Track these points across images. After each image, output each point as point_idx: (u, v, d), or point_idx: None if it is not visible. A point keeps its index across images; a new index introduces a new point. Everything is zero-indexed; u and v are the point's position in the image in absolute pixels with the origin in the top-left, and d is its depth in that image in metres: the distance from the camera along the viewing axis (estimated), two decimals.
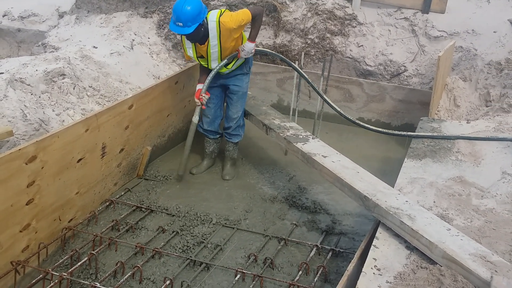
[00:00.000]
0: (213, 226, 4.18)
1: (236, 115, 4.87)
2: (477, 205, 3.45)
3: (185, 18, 4.14)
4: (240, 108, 4.87)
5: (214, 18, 4.33)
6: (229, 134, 4.95)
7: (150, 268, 3.68)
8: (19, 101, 4.26)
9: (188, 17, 4.14)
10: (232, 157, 5.05)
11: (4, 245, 3.37)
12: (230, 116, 4.88)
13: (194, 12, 4.15)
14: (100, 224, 4.17)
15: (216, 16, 4.35)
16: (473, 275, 2.67)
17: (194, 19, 4.17)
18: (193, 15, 4.15)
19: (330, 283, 3.57)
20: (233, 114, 4.86)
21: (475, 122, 4.79)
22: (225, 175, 4.96)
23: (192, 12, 4.14)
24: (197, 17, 4.19)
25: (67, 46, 5.84)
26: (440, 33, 6.11)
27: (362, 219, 4.30)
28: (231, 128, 4.90)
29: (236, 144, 5.03)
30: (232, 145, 5.01)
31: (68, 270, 3.52)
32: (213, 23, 4.33)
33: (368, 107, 6.11)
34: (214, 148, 5.08)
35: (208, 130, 4.97)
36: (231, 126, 4.89)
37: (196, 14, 4.17)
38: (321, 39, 6.28)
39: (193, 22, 4.17)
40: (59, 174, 3.74)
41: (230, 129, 4.92)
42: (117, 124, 4.31)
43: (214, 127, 4.98)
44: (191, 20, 4.16)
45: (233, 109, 4.85)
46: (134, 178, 4.86)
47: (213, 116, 4.92)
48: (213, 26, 4.34)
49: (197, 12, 4.17)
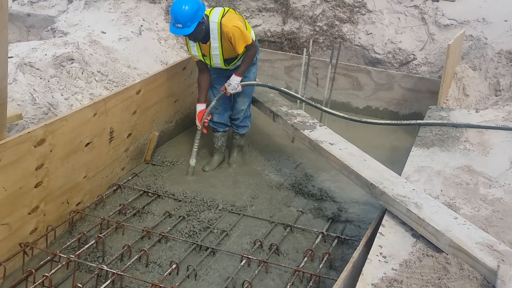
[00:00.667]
0: (220, 212, 4.20)
1: (243, 106, 4.80)
2: (485, 194, 3.43)
3: (184, 18, 4.06)
4: (247, 99, 4.80)
5: (215, 19, 4.25)
6: (237, 126, 4.92)
7: (157, 252, 3.71)
8: (28, 85, 4.29)
9: (186, 17, 4.06)
10: (239, 145, 5.03)
11: (12, 227, 3.40)
12: (237, 108, 4.81)
13: (191, 11, 4.06)
14: (108, 208, 4.20)
15: (218, 16, 4.26)
16: (479, 264, 2.67)
17: (193, 18, 4.08)
18: (191, 14, 4.06)
19: (335, 270, 3.58)
20: (240, 106, 4.79)
21: (484, 112, 4.75)
22: (232, 163, 4.94)
23: (189, 11, 4.05)
24: (195, 15, 4.09)
25: (76, 31, 5.84)
26: (450, 21, 6.05)
27: (368, 207, 4.30)
28: (239, 119, 4.86)
29: (243, 134, 5.02)
30: (240, 134, 4.99)
31: (76, 252, 3.56)
32: (214, 24, 4.24)
33: (376, 96, 6.08)
34: (222, 142, 4.98)
35: (217, 122, 4.87)
36: (238, 118, 4.85)
37: (194, 13, 4.08)
38: (330, 27, 6.25)
39: (192, 21, 4.09)
40: (67, 157, 3.76)
41: (237, 121, 4.87)
42: (125, 109, 4.32)
43: (224, 120, 4.89)
44: (189, 19, 4.07)
45: (240, 100, 4.77)
46: (142, 163, 4.88)
47: (221, 109, 4.82)
48: (214, 27, 4.25)
49: (194, 10, 4.08)
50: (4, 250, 3.38)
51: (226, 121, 4.93)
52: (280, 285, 3.46)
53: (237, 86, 4.49)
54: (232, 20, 4.27)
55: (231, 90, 4.51)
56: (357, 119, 4.70)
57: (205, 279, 3.49)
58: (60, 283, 3.45)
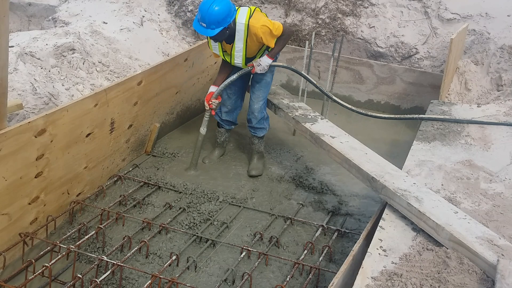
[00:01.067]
0: (220, 204, 4.20)
1: (257, 104, 4.56)
2: (485, 189, 3.43)
3: (210, 20, 3.91)
4: (262, 97, 4.57)
5: (243, 20, 4.08)
6: (253, 128, 4.64)
7: (157, 243, 3.72)
8: (29, 74, 4.28)
9: (212, 20, 3.91)
10: (258, 151, 4.76)
11: (13, 217, 3.40)
12: (251, 106, 4.59)
13: (220, 16, 3.91)
14: (108, 199, 4.20)
15: (245, 17, 4.10)
16: (479, 258, 2.67)
17: (219, 23, 3.94)
18: (218, 19, 3.92)
19: (335, 263, 3.59)
20: (254, 104, 4.56)
21: (486, 106, 4.75)
22: (251, 170, 4.66)
23: (217, 15, 3.90)
24: (223, 21, 3.95)
25: (77, 21, 5.82)
26: (453, 15, 6.02)
27: (368, 201, 4.30)
28: (254, 121, 4.60)
29: (262, 138, 4.75)
30: (258, 138, 4.72)
31: (76, 243, 3.56)
32: (242, 25, 4.09)
33: (378, 89, 6.06)
34: (225, 137, 4.90)
35: (225, 120, 4.78)
36: (252, 118, 4.60)
37: (222, 18, 3.93)
38: (332, 19, 6.22)
39: (218, 26, 3.94)
40: (68, 148, 3.76)
41: (253, 122, 4.61)
42: (126, 100, 4.30)
43: (232, 118, 4.79)
44: (215, 23, 3.93)
45: (255, 98, 4.57)
46: (142, 154, 4.88)
47: (232, 107, 4.71)
48: (241, 29, 4.11)
49: (223, 15, 3.93)
50: (4, 240, 3.38)
51: (235, 119, 4.83)
52: (279, 277, 3.47)
53: (266, 68, 4.36)
54: (260, 19, 4.12)
55: (260, 70, 4.35)
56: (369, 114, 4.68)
57: (205, 271, 3.50)
58: (60, 273, 3.46)
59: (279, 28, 4.21)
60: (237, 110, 4.81)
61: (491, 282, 2.58)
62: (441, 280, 2.58)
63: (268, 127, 4.78)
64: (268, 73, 4.54)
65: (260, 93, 4.58)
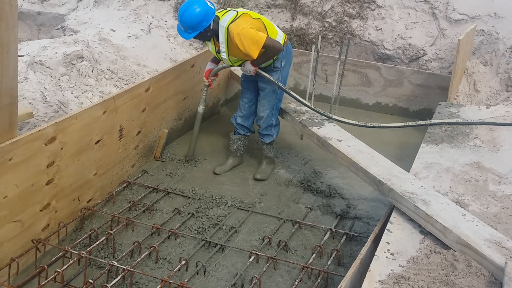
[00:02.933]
0: (228, 209, 4.22)
1: (263, 113, 4.55)
2: (494, 191, 3.42)
3: (185, 25, 4.08)
4: (267, 106, 4.54)
5: (224, 24, 4.11)
6: (260, 134, 4.72)
7: (166, 249, 3.75)
8: (39, 83, 4.34)
9: (187, 25, 4.06)
10: (267, 156, 4.76)
11: (25, 224, 3.45)
12: (258, 113, 4.62)
13: (193, 21, 4.04)
14: (118, 204, 4.24)
15: (227, 21, 4.11)
16: (487, 261, 2.67)
17: (194, 27, 4.07)
18: (193, 24, 4.05)
19: (344, 267, 3.59)
20: (260, 112, 4.58)
21: (495, 108, 4.72)
22: (256, 173, 4.68)
23: (191, 21, 4.04)
24: (198, 25, 4.06)
25: (86, 29, 5.90)
26: (461, 16, 6.00)
27: (377, 204, 4.29)
28: (261, 127, 4.65)
29: (271, 144, 4.74)
30: (266, 144, 4.73)
31: (87, 249, 3.60)
32: (222, 29, 4.13)
33: (386, 92, 6.05)
34: (238, 145, 4.79)
35: (240, 124, 4.73)
36: (259, 125, 4.65)
37: (196, 23, 4.04)
38: (339, 23, 6.23)
39: (193, 30, 4.08)
40: (78, 155, 3.80)
41: (260, 128, 4.68)
42: (134, 107, 4.35)
43: (248, 124, 4.74)
44: (190, 27, 4.07)
45: (260, 106, 4.57)
46: (151, 160, 4.92)
47: (247, 112, 4.69)
48: (222, 31, 4.15)
49: (197, 20, 4.04)
50: (17, 246, 3.43)
51: (250, 125, 4.79)
52: (288, 281, 3.48)
53: (249, 71, 4.36)
54: (240, 25, 4.07)
55: (244, 71, 4.43)
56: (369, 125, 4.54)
57: (214, 275, 3.52)
58: (72, 279, 3.49)
59: (259, 41, 4.09)
60: (252, 116, 4.76)
61: (499, 284, 2.57)
62: (448, 283, 2.58)
63: (276, 134, 4.75)
64: (272, 82, 4.41)
65: (265, 101, 4.55)
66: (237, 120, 4.76)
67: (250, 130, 4.82)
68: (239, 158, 4.89)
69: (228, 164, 4.84)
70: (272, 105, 4.57)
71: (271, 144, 4.75)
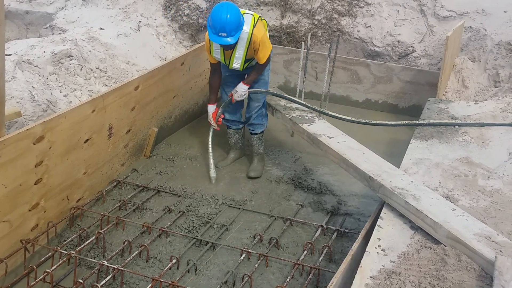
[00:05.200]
0: (219, 207, 4.21)
1: (257, 103, 4.64)
2: (483, 185, 3.43)
3: (230, 27, 4.02)
4: (261, 96, 4.65)
5: (247, 29, 4.18)
6: (251, 125, 4.72)
7: (157, 247, 3.73)
8: (27, 82, 4.30)
9: (232, 27, 4.02)
10: (258, 152, 4.80)
11: (14, 224, 3.42)
12: (251, 106, 4.66)
13: (236, 21, 4.04)
14: (108, 204, 4.21)
15: (250, 26, 4.19)
16: (477, 255, 2.67)
17: (237, 28, 4.07)
18: (236, 24, 4.05)
19: (335, 263, 3.60)
20: (254, 103, 4.64)
21: (483, 103, 4.74)
22: (250, 172, 4.69)
23: (234, 21, 4.03)
24: (240, 25, 4.10)
25: (74, 28, 5.86)
26: (449, 13, 6.03)
27: (367, 200, 4.31)
28: (252, 117, 4.68)
29: (260, 137, 4.78)
30: (256, 139, 4.76)
31: (77, 248, 3.58)
32: (245, 34, 4.17)
33: (375, 89, 6.07)
34: (237, 139, 4.88)
35: (230, 120, 4.79)
36: (251, 115, 4.68)
37: (239, 23, 4.08)
38: (328, 20, 6.23)
39: (237, 31, 4.08)
40: (67, 154, 3.77)
41: (251, 119, 4.69)
42: (124, 105, 4.32)
43: (236, 117, 4.80)
44: (234, 29, 4.05)
45: (254, 97, 4.63)
46: (141, 158, 4.89)
47: (234, 106, 4.71)
48: (244, 37, 4.18)
49: (238, 20, 4.07)
50: (6, 247, 3.40)
51: (239, 118, 4.83)
52: (280, 278, 3.48)
53: (243, 94, 4.48)
54: (261, 30, 4.25)
55: (238, 97, 4.48)
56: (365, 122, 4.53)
57: (205, 274, 3.51)
58: (61, 279, 3.48)
59: (269, 50, 4.35)
60: (239, 109, 4.81)
61: (489, 278, 2.58)
62: (439, 278, 2.58)
63: (266, 124, 4.81)
64: (265, 72, 4.58)
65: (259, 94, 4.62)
66: (226, 117, 4.77)
67: (241, 122, 4.86)
68: (239, 151, 4.96)
69: (230, 158, 4.91)
70: (264, 96, 4.69)
71: (261, 138, 4.79)
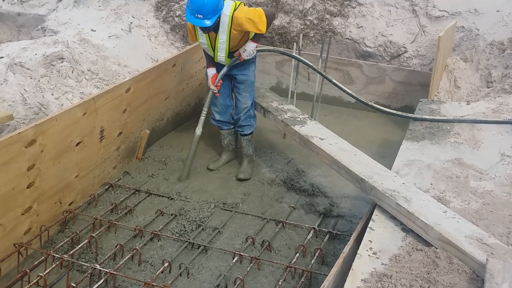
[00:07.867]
0: (211, 210, 4.20)
1: (245, 105, 4.60)
2: (475, 187, 3.44)
3: (207, 9, 3.93)
4: (249, 97, 4.61)
5: (228, 12, 4.11)
6: (240, 126, 4.70)
7: (149, 251, 3.72)
8: (19, 85, 4.28)
9: (209, 9, 3.94)
10: (247, 154, 4.78)
11: (6, 228, 3.41)
12: (239, 107, 4.62)
13: (215, 3, 3.96)
14: (100, 207, 4.20)
15: (230, 10, 4.13)
16: (468, 258, 2.68)
17: (215, 11, 3.98)
18: (214, 7, 3.96)
19: (327, 265, 3.60)
20: (242, 105, 4.60)
21: (475, 104, 4.76)
22: (239, 174, 4.68)
23: (213, 3, 3.94)
24: (217, 8, 4.00)
25: (66, 30, 5.83)
26: (442, 13, 6.05)
27: (360, 202, 4.31)
28: (241, 119, 4.65)
29: (249, 139, 4.76)
30: (246, 140, 4.74)
31: (69, 252, 3.56)
32: (226, 17, 4.10)
33: (368, 89, 6.08)
34: (229, 140, 4.86)
35: (221, 121, 4.76)
36: (240, 117, 4.64)
37: (216, 6, 3.99)
38: (320, 20, 6.24)
39: (214, 14, 3.99)
40: (59, 157, 3.76)
41: (239, 121, 4.66)
42: (115, 108, 4.30)
43: (226, 118, 4.76)
44: (211, 11, 3.96)
45: (242, 99, 4.59)
46: (133, 161, 4.88)
47: (223, 107, 4.69)
48: (225, 20, 4.12)
49: (217, 3, 3.98)
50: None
51: (229, 119, 4.80)
52: (272, 281, 3.48)
53: (252, 52, 4.36)
54: (243, 10, 4.15)
55: (246, 56, 4.36)
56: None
57: (197, 277, 3.50)
58: (54, 283, 3.46)
59: (262, 15, 4.17)
60: (229, 109, 4.77)
61: (481, 281, 2.59)
62: (430, 281, 2.59)
63: (255, 125, 4.79)
64: (251, 73, 4.55)
65: (246, 93, 4.60)
66: (215, 118, 4.76)
67: (231, 123, 4.83)
68: (231, 153, 4.94)
69: (222, 159, 4.89)
70: (252, 96, 4.67)
71: (250, 139, 4.77)
